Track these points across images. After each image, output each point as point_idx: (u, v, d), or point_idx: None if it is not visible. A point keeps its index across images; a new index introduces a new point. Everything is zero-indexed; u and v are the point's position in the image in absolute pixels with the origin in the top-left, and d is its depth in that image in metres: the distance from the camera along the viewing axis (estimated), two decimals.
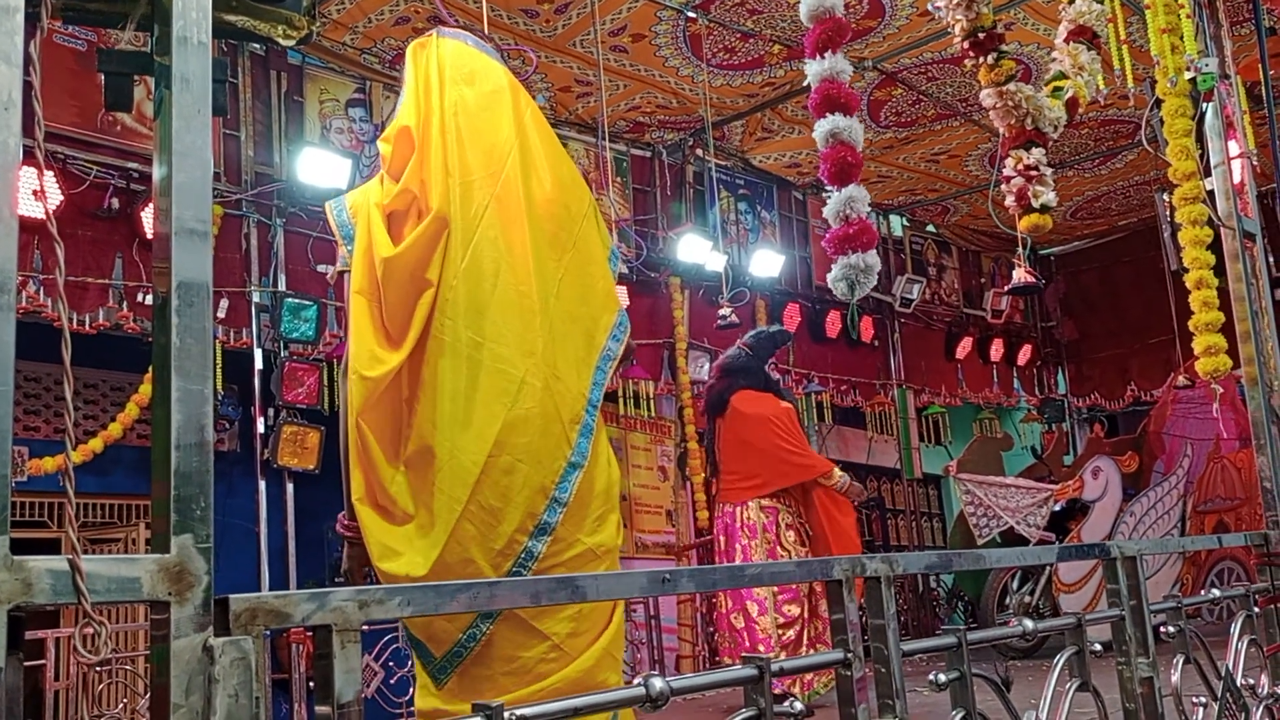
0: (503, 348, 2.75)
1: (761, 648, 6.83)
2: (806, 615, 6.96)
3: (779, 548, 7.11)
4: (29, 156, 1.31)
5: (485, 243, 2.81)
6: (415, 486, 2.81)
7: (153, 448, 1.32)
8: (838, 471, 7.22)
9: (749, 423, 7.35)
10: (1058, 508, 9.84)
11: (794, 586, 6.95)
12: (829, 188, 3.94)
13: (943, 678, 2.40)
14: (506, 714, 1.51)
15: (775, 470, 7.32)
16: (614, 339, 2.92)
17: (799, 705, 2.03)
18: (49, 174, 6.13)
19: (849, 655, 2.13)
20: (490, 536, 2.70)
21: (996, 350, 13.99)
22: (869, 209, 3.91)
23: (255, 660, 1.29)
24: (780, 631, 6.89)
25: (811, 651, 6.76)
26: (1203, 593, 4.18)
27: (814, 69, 4.00)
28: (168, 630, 1.24)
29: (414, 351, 2.83)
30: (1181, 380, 11.03)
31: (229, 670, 1.26)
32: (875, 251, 3.89)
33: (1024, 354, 14.42)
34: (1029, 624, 2.73)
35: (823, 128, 3.95)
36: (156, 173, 1.40)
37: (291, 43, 1.55)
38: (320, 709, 1.40)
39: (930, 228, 13.81)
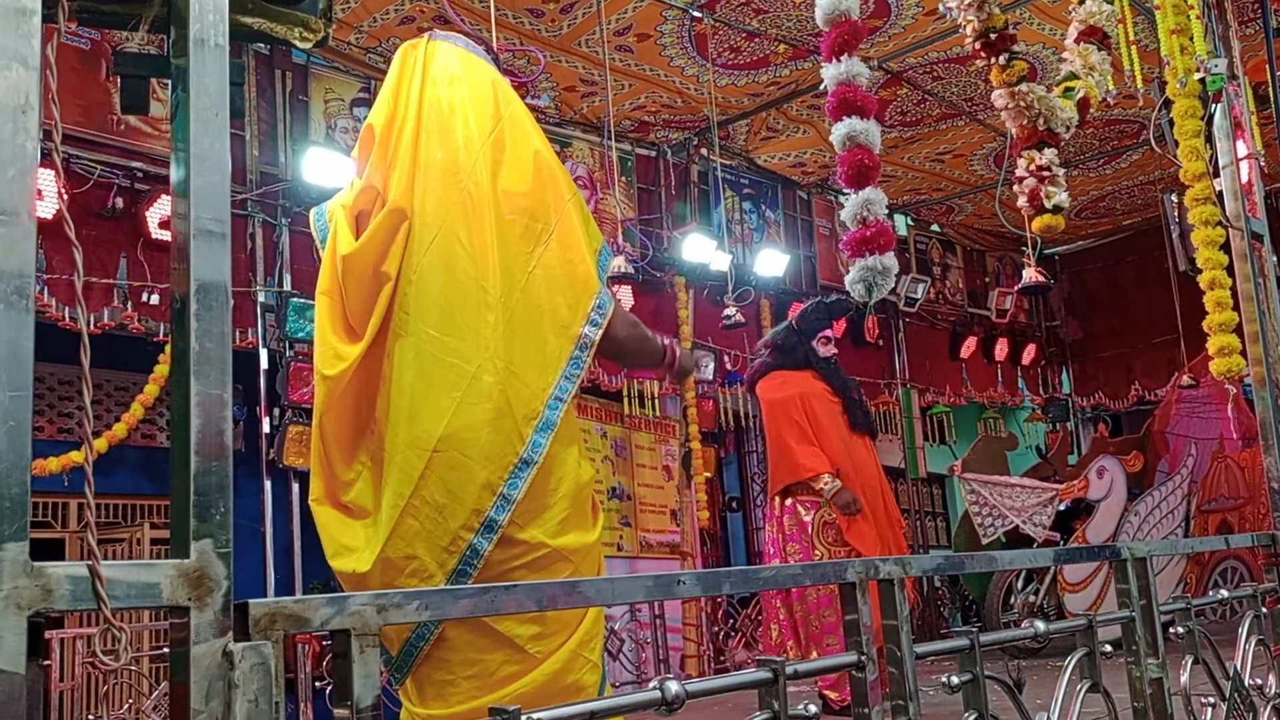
0: (457, 341, 2.73)
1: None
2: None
3: (814, 548, 6.67)
4: (42, 158, 1.30)
5: (449, 237, 2.79)
6: (375, 482, 2.80)
7: (172, 452, 1.32)
8: (827, 478, 6.62)
9: (765, 410, 7.08)
10: (1063, 507, 9.83)
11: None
12: (845, 190, 3.94)
13: (955, 679, 2.40)
14: (523, 718, 1.50)
15: (775, 465, 7.03)
16: (591, 323, 2.88)
17: (812, 708, 2.03)
18: (53, 172, 6.11)
19: (863, 658, 2.13)
20: (436, 533, 2.68)
21: (1001, 350, 13.98)
22: (886, 211, 3.91)
23: (275, 665, 1.28)
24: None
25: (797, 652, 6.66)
26: (1210, 593, 4.17)
27: (830, 72, 3.98)
28: (187, 635, 1.24)
29: (374, 345, 2.81)
30: (1186, 380, 11.03)
31: (249, 675, 1.25)
32: (892, 253, 3.89)
33: (1028, 353, 14.42)
34: (1041, 626, 2.72)
35: (840, 131, 3.94)
36: (174, 175, 1.40)
37: (308, 45, 1.55)
38: (339, 712, 1.39)
39: (935, 227, 13.80)
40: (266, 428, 8.14)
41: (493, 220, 2.82)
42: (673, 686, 1.73)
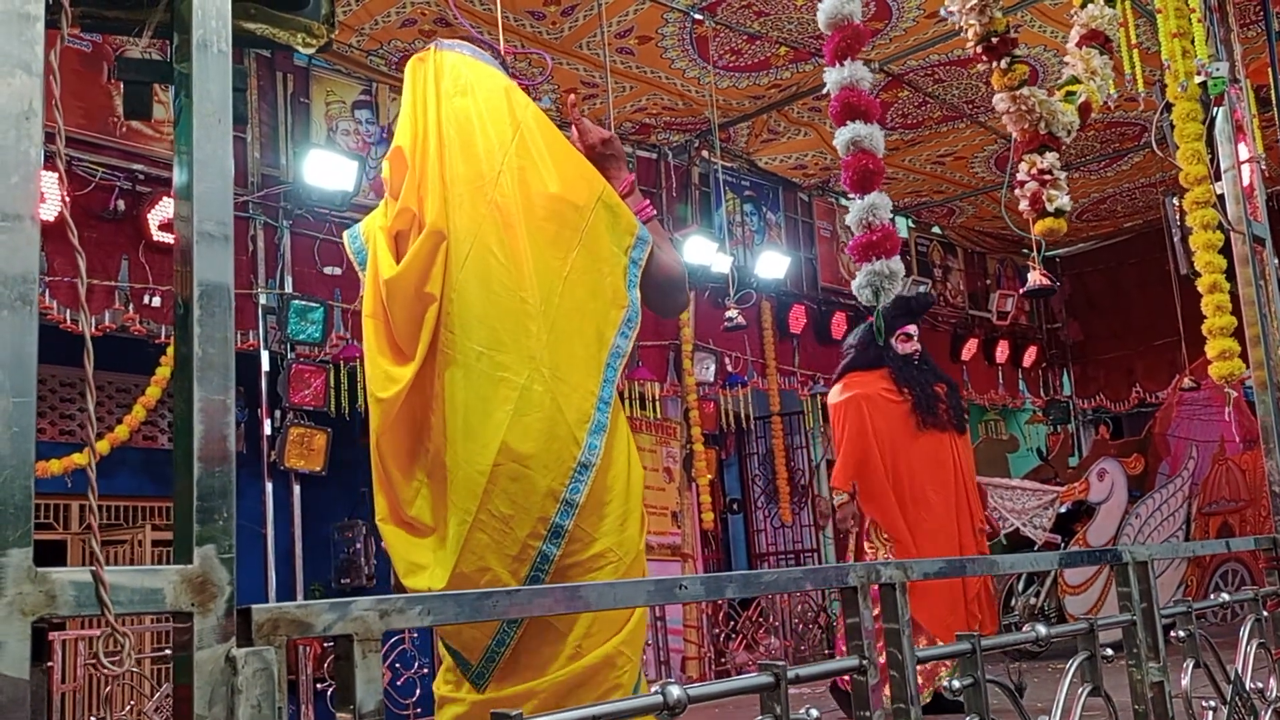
0: (503, 355, 2.74)
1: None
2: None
3: (866, 542, 6.68)
4: (45, 162, 1.30)
5: (483, 250, 2.79)
6: (435, 501, 2.81)
7: (175, 457, 1.32)
8: (841, 495, 6.67)
9: (830, 415, 6.99)
10: (1064, 509, 9.84)
11: None
12: (850, 195, 3.94)
13: (956, 683, 2.40)
14: None
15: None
16: (622, 335, 2.89)
17: (814, 713, 2.03)
18: (54, 175, 6.10)
19: (864, 661, 2.13)
20: (505, 544, 2.70)
21: (1002, 352, 13.99)
22: (891, 215, 3.91)
23: (277, 671, 1.29)
24: None
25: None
26: (1212, 596, 4.18)
27: (833, 77, 3.98)
28: (191, 641, 1.24)
29: (424, 365, 2.82)
30: (1187, 382, 11.04)
31: (252, 681, 1.26)
32: (899, 258, 3.89)
33: (1029, 355, 14.42)
34: (1043, 630, 2.72)
35: (843, 136, 3.94)
36: (177, 179, 1.40)
37: (311, 50, 1.55)
38: (342, 715, 1.40)
39: (936, 229, 13.80)
40: (268, 430, 8.15)
41: (524, 228, 2.82)
42: (675, 691, 1.73)
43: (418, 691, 7.98)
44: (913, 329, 6.93)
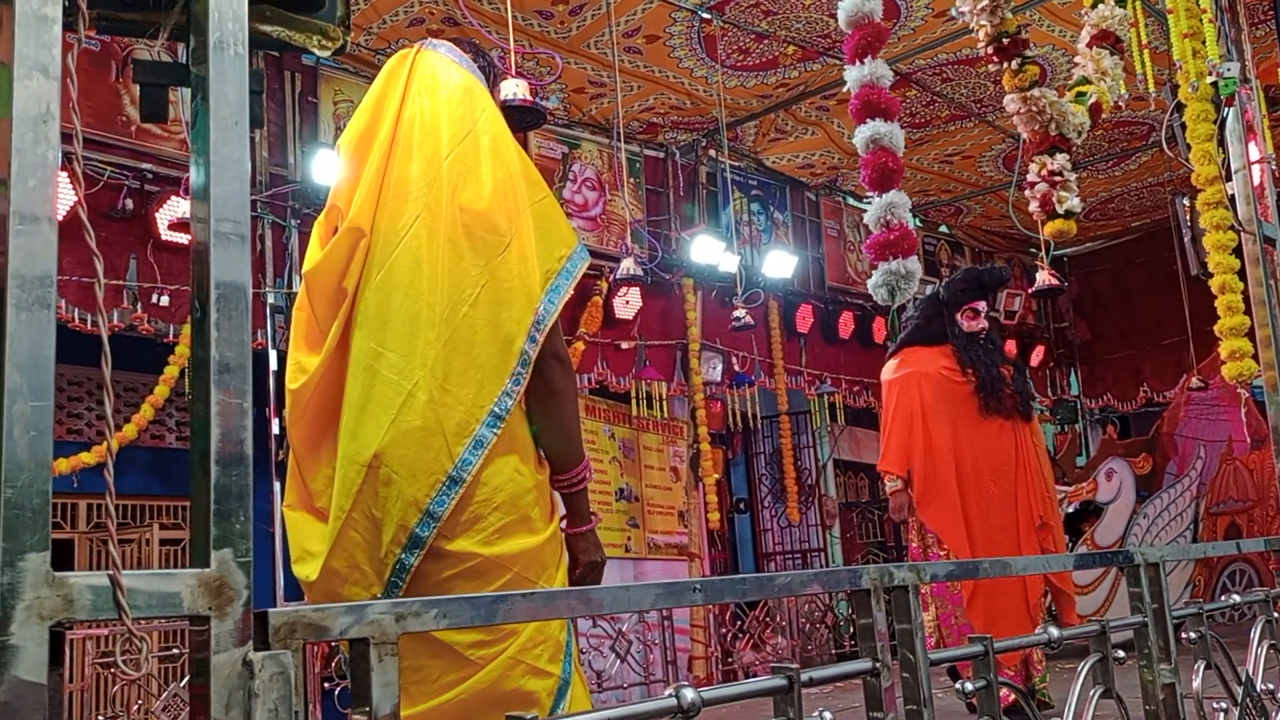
0: (399, 358, 2.74)
1: None
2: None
3: (918, 541, 6.26)
4: (62, 163, 1.30)
5: (406, 254, 2.79)
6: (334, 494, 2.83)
7: (191, 460, 1.32)
8: (894, 481, 6.14)
9: (883, 393, 6.49)
10: (1072, 509, 9.83)
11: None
12: (868, 195, 3.94)
13: (969, 686, 2.40)
14: None
15: None
16: (530, 340, 2.87)
17: (827, 715, 2.02)
18: (63, 175, 6.10)
19: (877, 664, 2.13)
20: (374, 545, 2.70)
21: (1009, 351, 13.96)
22: (909, 214, 3.91)
23: (294, 674, 1.28)
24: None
25: None
26: (1222, 597, 4.17)
27: (854, 75, 3.99)
28: (208, 644, 1.24)
29: (335, 359, 2.83)
30: (1194, 382, 11.03)
31: (268, 685, 1.25)
32: (915, 258, 3.88)
33: (1037, 355, 14.40)
34: (1055, 632, 2.72)
35: (863, 134, 3.95)
36: (193, 181, 1.40)
37: (327, 53, 1.54)
38: (356, 718, 1.39)
39: (943, 229, 13.79)
40: (276, 429, 8.15)
41: (446, 234, 2.81)
42: (688, 694, 1.73)
43: None
44: (982, 305, 6.37)
